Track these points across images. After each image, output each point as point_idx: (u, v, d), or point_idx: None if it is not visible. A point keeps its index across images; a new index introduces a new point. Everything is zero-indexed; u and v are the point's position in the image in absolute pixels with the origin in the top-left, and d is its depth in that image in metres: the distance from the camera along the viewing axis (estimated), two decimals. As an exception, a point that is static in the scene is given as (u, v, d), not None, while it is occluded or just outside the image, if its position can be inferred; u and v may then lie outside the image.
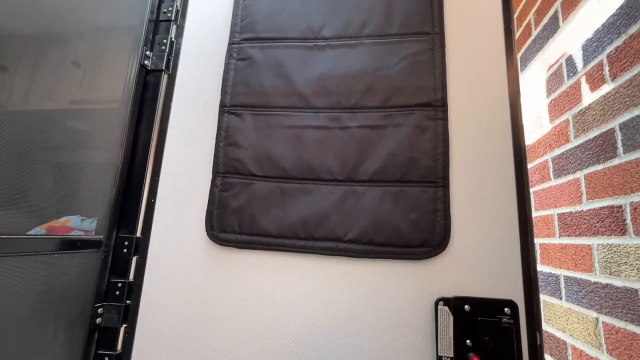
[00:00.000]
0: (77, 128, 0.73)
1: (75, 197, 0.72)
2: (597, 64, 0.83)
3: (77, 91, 0.73)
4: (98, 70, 0.80)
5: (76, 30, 0.73)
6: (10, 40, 0.59)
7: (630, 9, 0.72)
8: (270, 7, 0.84)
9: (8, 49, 0.58)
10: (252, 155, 0.75)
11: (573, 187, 0.92)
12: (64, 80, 0.70)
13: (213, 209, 0.73)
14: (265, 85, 0.79)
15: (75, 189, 0.72)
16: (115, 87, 0.84)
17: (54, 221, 0.71)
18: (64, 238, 0.68)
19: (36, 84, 0.63)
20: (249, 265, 0.71)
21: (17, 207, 0.60)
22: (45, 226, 0.69)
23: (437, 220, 0.67)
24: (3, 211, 0.57)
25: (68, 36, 0.72)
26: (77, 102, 0.73)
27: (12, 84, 0.59)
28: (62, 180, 0.69)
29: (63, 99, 0.69)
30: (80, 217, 0.75)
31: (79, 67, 0.73)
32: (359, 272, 0.68)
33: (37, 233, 0.66)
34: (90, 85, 0.77)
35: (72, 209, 0.72)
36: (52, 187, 0.67)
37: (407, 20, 0.79)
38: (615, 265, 0.75)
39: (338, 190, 0.72)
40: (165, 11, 0.94)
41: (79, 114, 0.73)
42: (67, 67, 0.71)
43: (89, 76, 0.76)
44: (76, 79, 0.73)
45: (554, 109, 1.03)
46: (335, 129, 0.75)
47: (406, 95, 0.74)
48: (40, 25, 0.65)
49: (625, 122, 0.73)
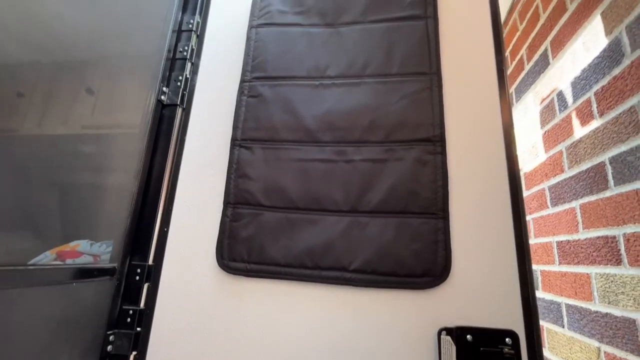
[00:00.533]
0: (95, 156, 0.77)
1: (87, 222, 0.75)
2: (586, 100, 0.88)
3: (97, 120, 0.78)
4: (118, 103, 0.85)
5: (101, 68, 0.80)
6: (42, 69, 0.65)
7: (613, 53, 0.78)
8: (279, 48, 0.91)
9: (43, 77, 0.64)
10: (262, 186, 0.80)
11: (569, 215, 0.95)
12: (83, 109, 0.75)
13: (224, 238, 0.77)
14: (275, 120, 0.84)
15: (89, 214, 0.76)
16: (133, 120, 0.89)
17: (64, 245, 0.73)
18: (82, 267, 0.71)
19: (67, 120, 0.69)
20: (257, 293, 0.73)
21: (28, 230, 0.62)
22: (55, 250, 0.71)
23: (438, 250, 0.70)
24: (16, 234, 0.60)
25: (91, 71, 0.77)
26: (96, 131, 0.79)
27: (50, 111, 0.65)
28: (76, 206, 0.72)
29: (80, 128, 0.74)
30: (89, 241, 0.78)
31: (98, 98, 0.79)
32: (363, 301, 0.70)
33: (47, 257, 0.69)
34: (111, 116, 0.83)
35: (82, 233, 0.74)
36: (65, 212, 0.70)
37: (406, 61, 0.85)
38: (613, 294, 0.77)
39: (343, 221, 0.75)
40: (181, 50, 1.01)
41: (97, 143, 0.78)
42: (87, 97, 0.75)
43: (109, 107, 0.82)
44: (98, 110, 0.78)
45: (548, 140, 1.08)
46: (340, 162, 0.79)
47: (407, 131, 0.79)
48: (67, 62, 0.71)
49: (614, 156, 0.77)
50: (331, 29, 0.91)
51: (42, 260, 0.68)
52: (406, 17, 0.88)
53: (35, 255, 0.66)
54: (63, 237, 0.71)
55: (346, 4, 0.92)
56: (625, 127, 0.73)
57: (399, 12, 0.89)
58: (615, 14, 0.78)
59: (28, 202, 0.62)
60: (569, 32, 0.97)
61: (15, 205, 0.59)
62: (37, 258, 0.66)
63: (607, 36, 0.81)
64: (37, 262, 0.65)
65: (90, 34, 0.74)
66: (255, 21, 0.95)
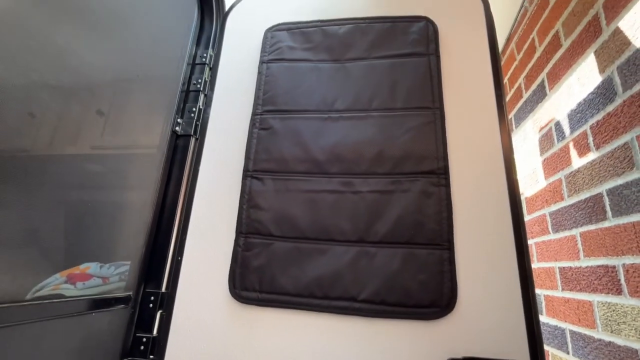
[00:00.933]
0: (111, 182, 0.79)
1: (102, 246, 0.77)
2: (582, 132, 0.92)
3: (112, 145, 0.81)
4: (135, 133, 0.89)
5: (119, 99, 0.84)
6: (68, 94, 0.69)
7: (606, 90, 0.83)
8: (289, 83, 0.96)
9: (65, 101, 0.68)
10: (272, 216, 0.83)
11: (570, 243, 0.97)
12: (94, 131, 0.77)
13: (236, 268, 0.79)
14: (285, 152, 0.88)
15: (102, 237, 0.77)
16: (149, 150, 0.93)
17: (74, 268, 0.75)
18: (100, 297, 0.73)
19: (80, 143, 0.72)
20: (268, 323, 0.75)
21: (37, 252, 0.63)
22: (66, 273, 0.73)
23: (444, 281, 0.72)
24: (26, 256, 0.61)
25: (108, 100, 0.81)
26: (113, 154, 0.82)
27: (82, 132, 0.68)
28: (91, 230, 0.74)
29: (91, 149, 0.76)
30: (98, 263, 0.80)
31: (110, 123, 0.81)
32: (372, 331, 0.72)
33: (57, 280, 0.71)
34: (127, 145, 0.86)
35: (97, 257, 0.76)
36: (80, 236, 0.72)
37: (410, 96, 0.89)
38: (615, 323, 0.79)
39: (351, 251, 0.78)
40: (195, 82, 1.06)
41: (114, 170, 0.81)
42: (98, 120, 0.78)
43: (125, 136, 0.86)
44: (111, 135, 0.81)
45: (548, 167, 1.12)
46: (348, 193, 0.83)
47: (412, 163, 0.83)
48: (88, 95, 0.75)
49: (611, 188, 0.80)
50: (338, 64, 0.96)
51: (52, 282, 0.70)
52: (409, 54, 0.93)
53: (45, 277, 0.68)
54: (74, 260, 0.72)
55: (352, 40, 0.98)
56: (620, 162, 0.77)
57: (403, 49, 0.94)
58: (607, 55, 0.82)
59: (40, 224, 0.63)
60: (564, 66, 1.02)
61: (27, 227, 0.60)
62: (47, 280, 0.67)
63: (600, 74, 0.85)
64: (47, 284, 0.68)
65: (111, 70, 0.78)
66: (266, 56, 1.00)
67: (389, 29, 0.97)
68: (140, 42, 0.88)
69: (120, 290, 0.80)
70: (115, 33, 0.79)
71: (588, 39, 0.90)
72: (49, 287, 0.67)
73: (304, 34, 1.02)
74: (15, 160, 0.58)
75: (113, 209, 0.80)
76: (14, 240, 0.58)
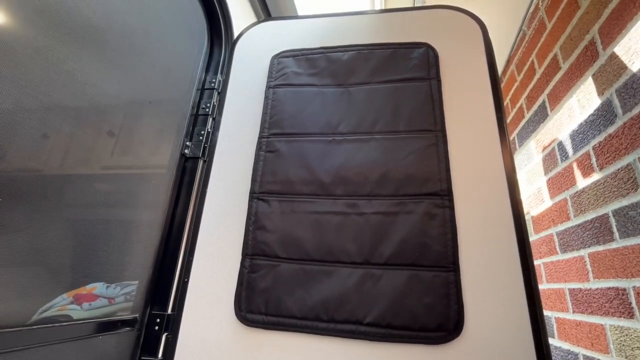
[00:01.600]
0: (119, 204, 0.81)
1: (109, 267, 0.77)
2: (585, 153, 0.93)
3: (121, 165, 0.84)
4: (145, 156, 0.92)
5: (129, 123, 0.88)
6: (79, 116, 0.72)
7: (606, 112, 0.84)
8: (295, 107, 0.99)
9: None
10: (278, 238, 0.84)
11: (579, 264, 0.96)
12: (104, 153, 0.79)
13: (241, 290, 0.80)
14: (290, 174, 0.90)
15: (110, 259, 0.78)
16: (158, 172, 0.96)
17: (81, 288, 0.76)
18: (106, 320, 0.74)
19: (90, 163, 0.75)
20: (274, 346, 0.75)
21: (44, 272, 0.64)
22: (72, 293, 0.73)
23: (450, 304, 0.72)
24: (32, 276, 0.61)
25: (119, 123, 0.85)
26: (123, 175, 0.84)
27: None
28: (99, 251, 0.75)
29: (101, 169, 0.78)
30: (105, 284, 0.80)
31: (120, 144, 0.84)
32: (378, 356, 0.71)
33: (64, 300, 0.71)
34: (137, 168, 0.89)
35: (104, 277, 0.76)
36: (87, 256, 0.72)
37: (412, 119, 0.91)
38: (629, 349, 0.77)
39: (357, 273, 0.78)
40: (204, 107, 1.10)
41: (123, 192, 0.83)
42: (109, 141, 0.80)
43: (136, 160, 0.88)
44: (120, 156, 0.83)
45: (553, 187, 1.12)
46: (353, 214, 0.84)
47: (415, 185, 0.84)
48: (99, 119, 0.78)
49: (616, 210, 0.80)
50: (342, 88, 1.00)
51: (59, 303, 0.70)
52: (411, 79, 0.96)
53: (52, 297, 0.69)
54: (80, 279, 0.72)
55: (355, 66, 1.01)
56: (624, 183, 0.77)
57: (404, 74, 0.97)
58: (605, 78, 0.84)
59: (49, 244, 0.64)
60: (564, 88, 1.04)
61: (36, 247, 0.61)
62: (53, 301, 0.67)
63: (599, 96, 0.87)
64: (53, 305, 0.68)
65: (124, 96, 0.82)
66: (273, 82, 1.04)
67: (390, 55, 1.01)
68: (153, 70, 0.92)
69: (126, 312, 0.80)
70: (129, 61, 0.83)
71: (586, 62, 0.92)
72: (56, 307, 0.68)
73: (309, 60, 1.06)
74: (28, 180, 0.60)
75: (121, 230, 0.82)
76: (22, 260, 0.59)
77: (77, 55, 0.66)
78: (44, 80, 0.59)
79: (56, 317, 0.66)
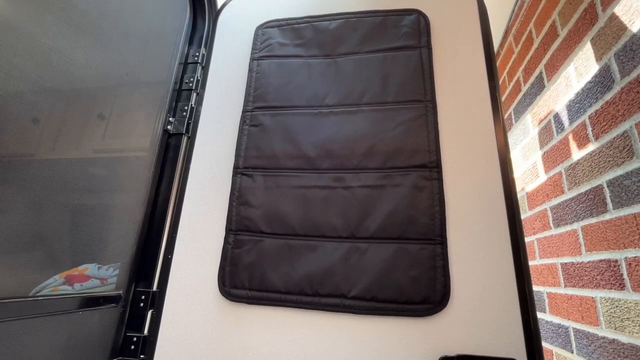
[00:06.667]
0: (103, 182, 0.80)
1: (94, 246, 0.77)
2: (581, 123, 0.89)
3: (107, 147, 0.82)
4: (127, 133, 0.89)
5: (112, 99, 0.84)
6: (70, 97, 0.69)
7: (603, 78, 0.80)
8: (280, 79, 0.95)
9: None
10: (263, 213, 0.82)
11: (572, 237, 0.94)
12: (94, 136, 0.79)
13: (225, 266, 0.78)
14: (275, 148, 0.87)
15: (97, 239, 0.77)
16: (140, 150, 0.93)
17: (73, 269, 0.75)
18: (89, 295, 0.73)
19: (80, 146, 0.72)
20: (258, 321, 0.74)
21: (37, 254, 0.64)
22: (64, 274, 0.73)
23: (437, 277, 0.70)
24: (25, 257, 0.61)
25: (102, 102, 0.81)
26: (106, 156, 0.82)
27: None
28: (84, 230, 0.74)
29: (92, 152, 0.77)
30: (97, 264, 0.79)
31: (109, 126, 0.82)
32: (363, 328, 0.70)
33: (56, 281, 0.70)
34: (120, 145, 0.86)
35: (89, 257, 0.76)
36: (73, 237, 0.72)
37: (401, 89, 0.88)
38: (618, 320, 0.76)
39: (342, 247, 0.76)
40: (187, 81, 1.06)
41: (106, 170, 0.81)
42: (99, 124, 0.79)
43: (118, 136, 0.86)
44: (108, 137, 0.81)
45: (548, 161, 1.09)
46: (339, 188, 0.81)
47: (403, 157, 0.81)
48: (80, 95, 0.75)
49: (611, 180, 0.78)
50: (329, 59, 0.95)
51: (51, 284, 0.70)
52: (401, 47, 0.92)
53: (45, 279, 0.68)
54: (71, 261, 0.72)
55: (343, 35, 0.97)
56: (620, 152, 0.74)
57: (394, 43, 0.93)
58: (604, 42, 0.80)
59: (41, 226, 0.64)
60: (562, 56, 0.99)
61: (29, 230, 0.61)
62: (46, 282, 0.67)
63: (597, 62, 0.83)
64: (46, 286, 0.67)
65: (103, 69, 0.78)
66: (257, 53, 1.00)
67: (380, 22, 0.96)
68: (126, 40, 0.87)
69: (110, 289, 0.79)
70: (99, 28, 0.78)
71: (584, 26, 0.88)
72: (49, 288, 0.67)
73: (295, 30, 1.01)
74: (20, 165, 0.58)
75: (104, 209, 0.80)
76: (16, 241, 0.58)
77: (39, 18, 0.62)
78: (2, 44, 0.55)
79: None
